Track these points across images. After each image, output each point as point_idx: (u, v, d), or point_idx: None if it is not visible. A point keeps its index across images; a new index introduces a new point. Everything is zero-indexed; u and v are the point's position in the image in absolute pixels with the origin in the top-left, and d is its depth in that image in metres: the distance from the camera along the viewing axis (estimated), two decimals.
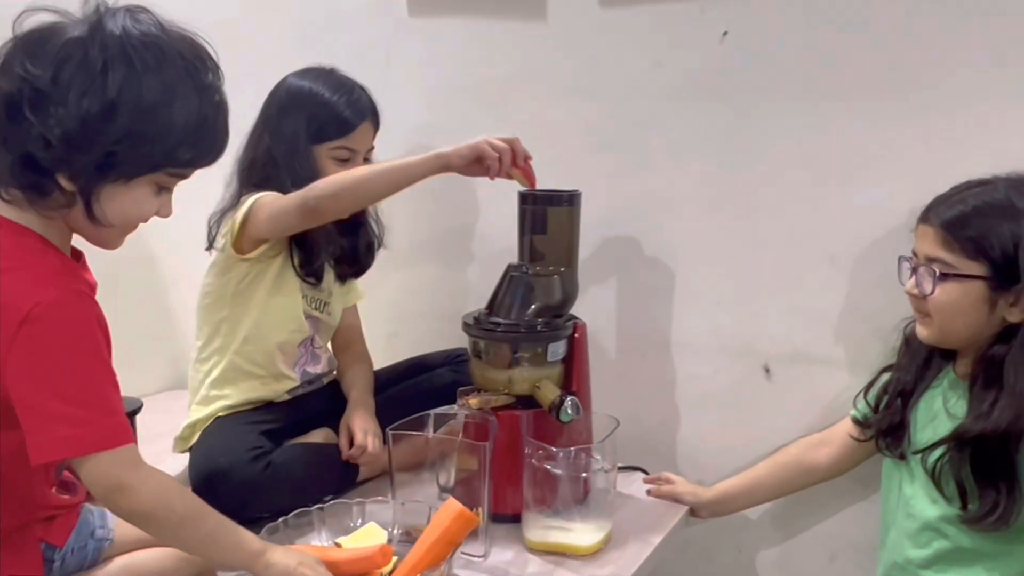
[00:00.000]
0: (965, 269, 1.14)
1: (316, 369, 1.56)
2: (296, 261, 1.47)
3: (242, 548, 0.98)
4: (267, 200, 1.38)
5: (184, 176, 0.97)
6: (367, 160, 1.51)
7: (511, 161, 1.32)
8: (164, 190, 0.97)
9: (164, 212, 0.99)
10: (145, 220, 0.98)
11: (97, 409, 0.90)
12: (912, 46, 1.33)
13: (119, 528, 1.06)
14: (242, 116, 1.93)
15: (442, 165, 1.31)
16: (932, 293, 1.16)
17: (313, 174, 1.43)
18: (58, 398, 0.88)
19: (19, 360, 0.88)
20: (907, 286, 1.22)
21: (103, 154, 0.89)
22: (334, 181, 1.33)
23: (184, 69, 0.92)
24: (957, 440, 1.15)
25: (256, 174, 1.46)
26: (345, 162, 1.47)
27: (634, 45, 1.53)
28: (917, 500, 1.22)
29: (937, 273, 1.15)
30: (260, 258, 1.43)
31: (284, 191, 1.40)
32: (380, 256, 1.62)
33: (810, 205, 1.44)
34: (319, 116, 1.45)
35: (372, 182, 1.32)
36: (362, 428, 1.44)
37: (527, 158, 1.36)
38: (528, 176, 1.37)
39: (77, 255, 1.01)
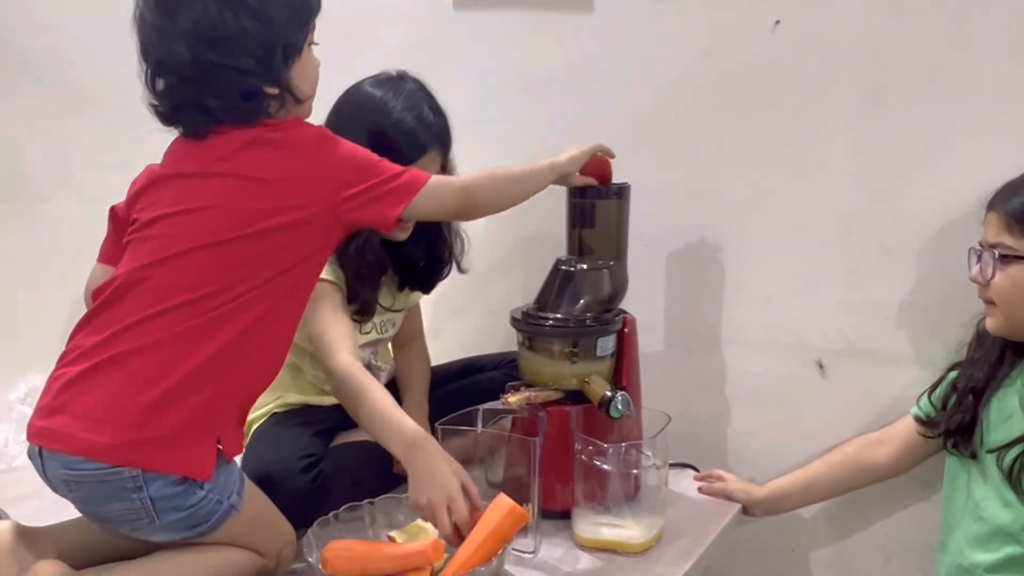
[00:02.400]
0: None
1: None
2: (351, 296, 1.37)
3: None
4: (323, 311, 1.30)
5: (315, 27, 1.12)
6: None
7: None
8: (312, 46, 1.12)
9: (318, 61, 1.14)
10: (318, 76, 1.14)
11: (394, 169, 1.10)
12: (971, 35, 1.30)
13: (247, 505, 1.09)
14: None
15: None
16: (993, 277, 1.15)
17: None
18: (374, 175, 1.08)
19: (333, 168, 1.07)
20: (972, 273, 1.20)
21: (284, 47, 1.06)
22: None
23: None
24: None
25: None
26: None
27: (683, 35, 1.51)
28: (988, 503, 1.18)
29: (997, 255, 1.14)
30: None
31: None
32: None
33: (865, 197, 1.41)
34: (375, 145, 1.28)
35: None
36: None
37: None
38: None
39: None
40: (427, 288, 1.55)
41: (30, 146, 2.24)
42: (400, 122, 1.35)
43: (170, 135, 1.11)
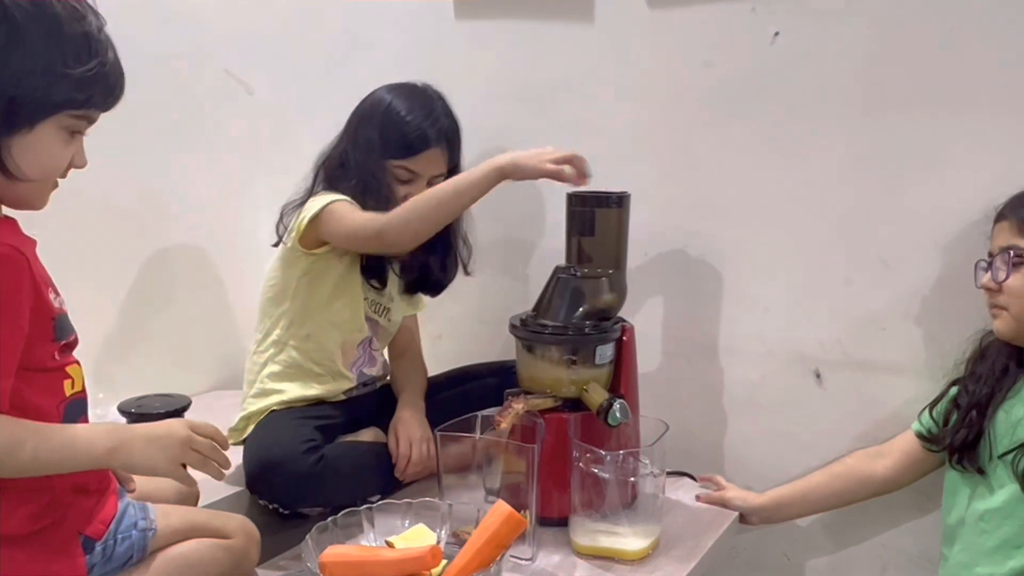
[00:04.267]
0: None
1: (372, 371, 1.57)
2: (364, 262, 1.48)
3: (88, 453, 0.96)
4: (343, 211, 1.39)
5: (90, 119, 0.98)
6: (432, 184, 1.48)
7: (580, 168, 1.31)
8: (75, 135, 0.97)
9: (79, 161, 0.99)
10: (62, 170, 0.98)
11: None
12: (968, 48, 1.31)
13: (160, 520, 1.07)
14: (289, 117, 1.96)
15: (507, 175, 1.31)
16: (1007, 279, 1.16)
17: (380, 185, 1.45)
18: None
19: None
20: (983, 281, 1.21)
21: (9, 102, 0.90)
22: (403, 213, 1.34)
23: (64, 10, 0.93)
24: None
25: (331, 173, 1.49)
26: (406, 183, 1.47)
27: (683, 46, 1.52)
28: (995, 516, 1.19)
29: (1012, 255, 1.16)
30: (326, 255, 1.45)
31: (353, 195, 1.42)
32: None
33: (861, 208, 1.42)
34: (388, 133, 1.46)
35: (440, 207, 1.33)
36: (407, 437, 1.44)
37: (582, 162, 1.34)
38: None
39: (9, 223, 0.98)
40: (435, 292, 1.61)
41: None
42: (405, 118, 1.46)
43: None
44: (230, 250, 1.94)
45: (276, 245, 1.51)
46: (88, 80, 0.94)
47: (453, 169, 1.52)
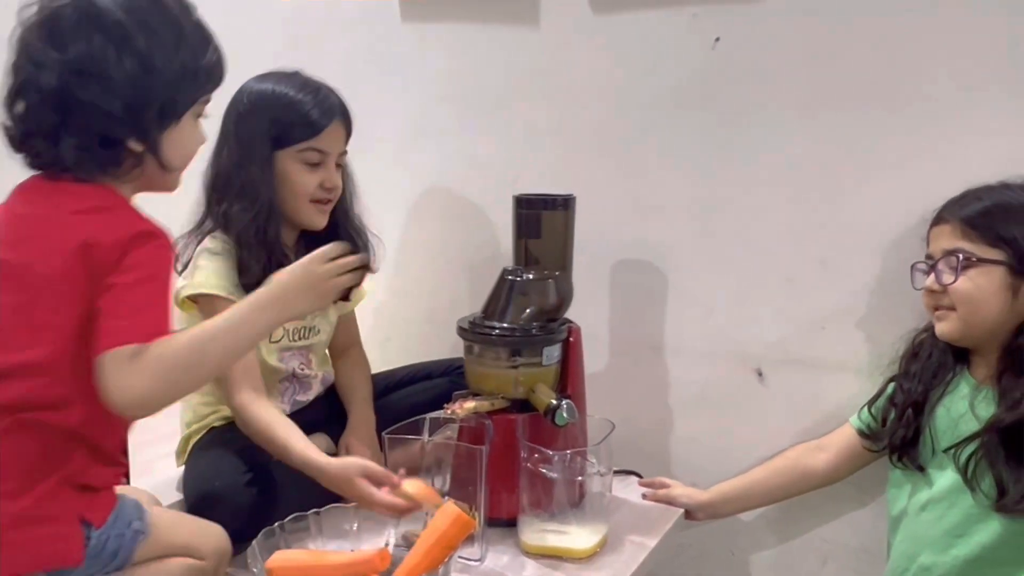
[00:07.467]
0: (986, 256, 1.16)
1: (307, 397, 1.49)
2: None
3: (264, 323, 1.07)
4: (206, 309, 1.30)
5: (209, 100, 1.08)
6: (339, 166, 1.41)
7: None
8: (199, 119, 1.07)
9: (203, 138, 1.09)
10: (195, 152, 1.08)
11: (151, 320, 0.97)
12: (906, 54, 1.35)
13: (154, 525, 1.07)
14: None
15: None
16: (954, 282, 1.18)
17: (272, 183, 1.35)
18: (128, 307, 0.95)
19: (120, 274, 0.95)
20: (927, 283, 1.22)
21: (159, 105, 1.00)
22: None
23: (177, 7, 1.03)
24: (992, 432, 1.15)
25: (219, 188, 1.37)
26: (316, 166, 1.37)
27: (626, 51, 1.54)
28: (937, 506, 1.22)
29: (961, 258, 1.17)
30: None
31: (244, 203, 1.33)
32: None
33: (801, 210, 1.45)
34: (283, 118, 1.35)
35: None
36: None
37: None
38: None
39: None
40: (344, 296, 1.49)
41: None
42: (298, 98, 1.37)
43: None
44: None
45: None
46: (213, 66, 1.05)
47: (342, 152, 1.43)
